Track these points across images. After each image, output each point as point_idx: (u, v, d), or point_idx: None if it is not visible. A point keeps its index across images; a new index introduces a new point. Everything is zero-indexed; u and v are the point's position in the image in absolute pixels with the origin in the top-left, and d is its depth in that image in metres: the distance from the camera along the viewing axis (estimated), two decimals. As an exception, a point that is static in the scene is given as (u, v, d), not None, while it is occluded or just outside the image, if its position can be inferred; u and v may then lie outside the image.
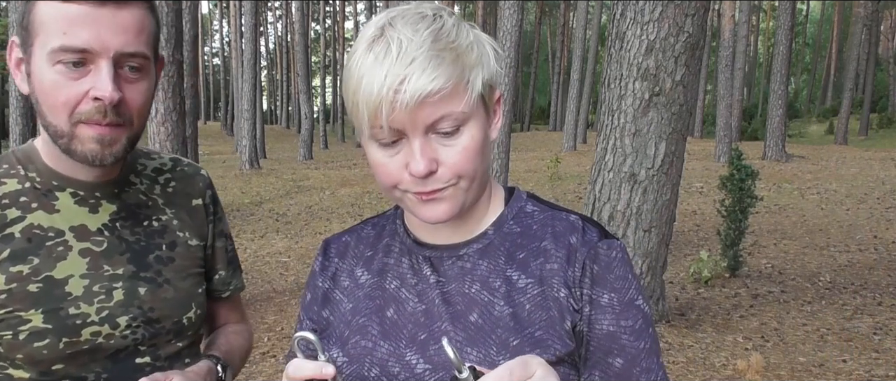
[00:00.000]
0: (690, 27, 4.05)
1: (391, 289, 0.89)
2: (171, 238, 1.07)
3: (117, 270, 1.00)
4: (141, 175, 1.09)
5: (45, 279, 0.95)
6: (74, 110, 0.90)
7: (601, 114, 4.44)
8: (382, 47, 0.74)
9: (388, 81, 0.72)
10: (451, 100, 0.75)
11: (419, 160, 0.76)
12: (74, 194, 1.00)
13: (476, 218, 0.89)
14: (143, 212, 1.06)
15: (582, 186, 11.94)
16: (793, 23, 15.69)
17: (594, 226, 0.87)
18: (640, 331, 0.83)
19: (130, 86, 0.92)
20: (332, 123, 45.70)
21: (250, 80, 18.33)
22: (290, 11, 39.31)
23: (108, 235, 1.01)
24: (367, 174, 16.37)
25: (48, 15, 0.88)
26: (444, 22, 0.77)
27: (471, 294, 0.84)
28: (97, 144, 0.92)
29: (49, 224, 0.97)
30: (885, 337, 4.78)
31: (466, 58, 0.76)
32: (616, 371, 0.82)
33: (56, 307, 0.94)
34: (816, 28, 52.82)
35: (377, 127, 0.76)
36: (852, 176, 13.07)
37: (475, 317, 0.83)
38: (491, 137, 0.84)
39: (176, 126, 5.92)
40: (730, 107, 17.04)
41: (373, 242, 0.95)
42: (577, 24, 24.12)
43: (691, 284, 6.23)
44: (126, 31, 0.89)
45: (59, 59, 0.88)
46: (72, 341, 0.94)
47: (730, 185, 6.18)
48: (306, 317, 0.95)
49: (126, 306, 0.99)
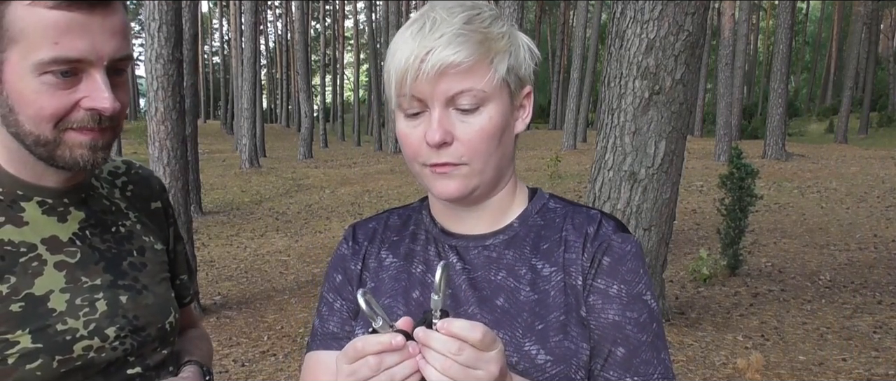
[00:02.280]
0: (690, 26, 4.04)
1: (417, 273, 0.92)
2: (139, 244, 1.03)
3: (95, 280, 0.95)
4: (100, 179, 1.04)
5: (26, 297, 0.88)
6: (63, 119, 0.85)
7: (601, 112, 4.44)
8: (419, 25, 0.80)
9: (416, 52, 0.78)
10: (472, 75, 0.79)
11: (435, 129, 0.80)
12: (42, 202, 0.94)
13: (501, 211, 0.92)
14: (110, 218, 1.01)
15: (582, 184, 11.93)
16: (793, 21, 15.68)
17: (611, 220, 0.90)
18: (645, 324, 0.85)
19: (118, 90, 0.88)
20: (332, 122, 45.67)
21: (250, 78, 18.32)
22: (290, 10, 39.28)
23: (79, 245, 0.95)
24: (366, 173, 16.36)
25: (31, 23, 0.80)
26: (481, 11, 0.83)
27: (497, 281, 0.87)
28: (88, 149, 0.88)
29: (20, 239, 0.91)
30: (885, 336, 4.78)
31: (494, 43, 0.81)
32: (617, 360, 0.84)
33: (43, 326, 0.88)
34: (816, 27, 52.79)
35: (402, 95, 0.81)
36: (852, 175, 13.07)
37: (501, 301, 0.86)
38: (516, 128, 0.88)
39: (176, 125, 5.92)
40: (730, 105, 17.04)
41: (399, 229, 0.98)
42: (577, 23, 24.10)
43: (691, 282, 6.23)
44: (115, 35, 0.85)
45: (47, 70, 0.82)
46: (65, 358, 0.89)
47: (729, 183, 6.18)
48: (340, 297, 0.97)
49: (111, 317, 0.95)
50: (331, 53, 47.49)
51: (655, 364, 0.85)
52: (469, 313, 0.86)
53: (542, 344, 0.82)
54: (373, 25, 32.11)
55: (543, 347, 0.82)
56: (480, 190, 0.86)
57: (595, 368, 0.84)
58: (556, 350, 0.82)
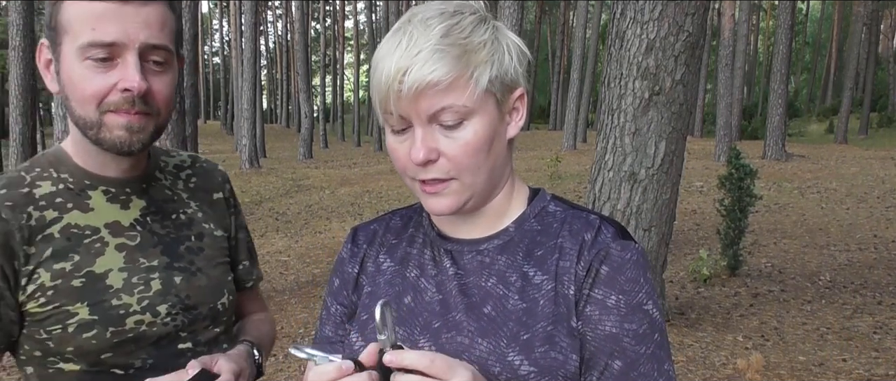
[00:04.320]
0: (690, 26, 4.04)
1: (411, 277, 0.91)
2: (198, 230, 1.13)
3: (152, 261, 1.05)
4: (164, 172, 1.15)
5: (87, 274, 1.00)
6: (103, 101, 0.95)
7: (601, 113, 4.44)
8: (398, 39, 0.78)
9: (393, 71, 0.76)
10: (451, 92, 0.77)
11: (418, 148, 0.79)
12: (106, 191, 1.05)
13: (498, 215, 0.90)
14: (170, 206, 1.12)
15: (582, 185, 11.93)
16: (793, 22, 15.68)
17: (612, 225, 0.87)
18: (644, 336, 0.82)
19: (156, 78, 0.97)
20: (332, 123, 45.67)
21: (250, 79, 18.33)
22: (290, 10, 39.27)
23: (140, 229, 1.06)
24: (366, 173, 16.36)
25: (75, 14, 0.93)
26: (461, 19, 0.79)
27: (487, 287, 0.86)
28: (125, 131, 0.96)
29: (85, 223, 1.02)
30: (885, 336, 4.78)
31: (475, 55, 0.78)
32: (614, 374, 0.82)
33: (99, 300, 0.99)
34: (816, 27, 52.79)
35: (387, 113, 0.80)
36: (852, 175, 13.07)
37: (489, 309, 0.84)
38: (507, 134, 0.86)
39: (176, 125, 5.92)
40: (730, 106, 17.04)
41: (399, 231, 0.97)
42: (577, 24, 24.10)
43: (691, 283, 6.23)
44: (150, 25, 0.95)
45: (88, 55, 0.93)
46: (117, 330, 0.99)
47: (729, 184, 6.18)
48: (336, 302, 0.97)
49: (164, 295, 1.04)
50: (331, 54, 47.47)
51: (655, 377, 0.82)
52: (456, 319, 0.85)
53: (526, 355, 0.80)
54: (373, 26, 32.11)
55: (527, 357, 0.80)
56: (474, 200, 0.85)
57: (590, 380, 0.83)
58: (541, 361, 0.80)
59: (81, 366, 1.00)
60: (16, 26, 10.81)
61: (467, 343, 0.82)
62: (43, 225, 0.99)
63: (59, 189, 1.03)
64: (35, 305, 0.97)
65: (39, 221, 0.99)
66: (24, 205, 0.99)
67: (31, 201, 1.00)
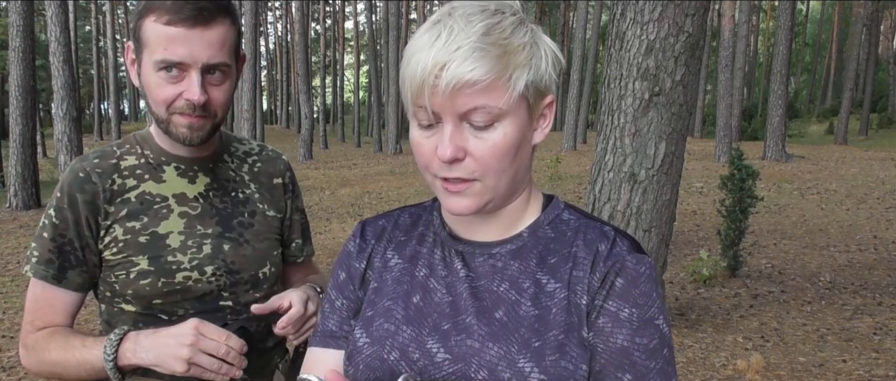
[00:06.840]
0: (690, 27, 4.04)
1: (420, 277, 0.90)
2: (252, 208, 1.33)
3: (207, 230, 1.26)
4: (233, 156, 1.35)
5: (151, 234, 1.21)
6: (171, 105, 1.15)
7: (601, 114, 4.44)
8: (437, 32, 0.76)
9: (431, 65, 0.74)
10: (488, 93, 0.76)
11: (447, 145, 0.77)
12: (177, 167, 1.27)
13: (512, 219, 0.89)
14: (231, 185, 1.32)
15: (582, 185, 11.93)
16: (793, 23, 15.69)
17: (626, 239, 0.87)
18: (654, 351, 0.82)
19: (214, 88, 1.17)
20: (332, 124, 45.68)
21: (250, 80, 18.33)
22: (289, 11, 39.27)
23: (202, 202, 1.27)
24: (366, 174, 16.36)
25: (153, 33, 1.12)
26: (502, 18, 0.77)
27: (499, 292, 0.85)
28: (187, 129, 1.17)
29: (157, 192, 1.24)
30: (885, 337, 4.78)
31: (514, 56, 0.77)
32: None
33: (158, 255, 1.21)
34: (816, 28, 52.79)
35: (418, 106, 0.78)
36: (852, 176, 13.07)
37: (500, 314, 0.83)
38: (533, 140, 0.85)
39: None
40: (730, 107, 17.04)
41: (408, 229, 0.96)
42: (577, 24, 24.10)
43: (691, 283, 6.23)
44: (211, 46, 1.13)
45: (161, 67, 1.13)
46: (168, 281, 1.21)
47: (730, 185, 6.17)
48: (342, 296, 0.96)
49: (213, 259, 1.25)
50: (331, 55, 47.47)
51: None
52: (466, 322, 0.84)
53: (537, 362, 0.80)
54: (373, 27, 32.12)
55: (538, 365, 0.80)
56: (494, 203, 0.84)
57: None
58: (551, 370, 0.79)
59: (136, 308, 1.22)
60: (16, 27, 10.82)
61: (477, 347, 0.82)
62: (123, 190, 1.22)
63: (140, 163, 1.25)
64: (109, 253, 1.21)
65: (120, 187, 1.22)
66: (110, 172, 1.23)
67: (116, 170, 1.23)
